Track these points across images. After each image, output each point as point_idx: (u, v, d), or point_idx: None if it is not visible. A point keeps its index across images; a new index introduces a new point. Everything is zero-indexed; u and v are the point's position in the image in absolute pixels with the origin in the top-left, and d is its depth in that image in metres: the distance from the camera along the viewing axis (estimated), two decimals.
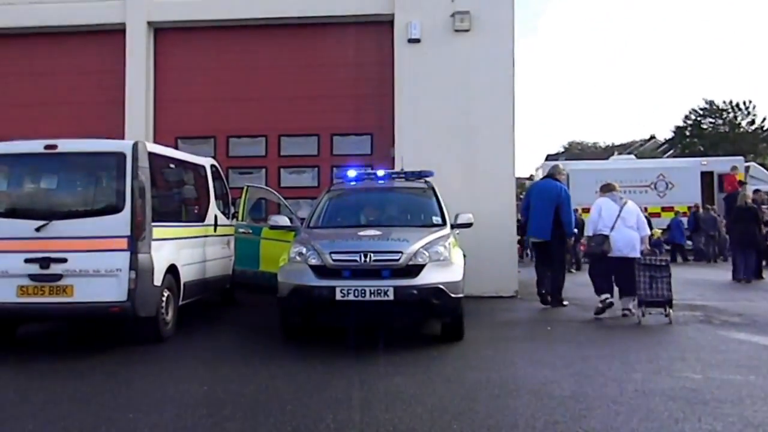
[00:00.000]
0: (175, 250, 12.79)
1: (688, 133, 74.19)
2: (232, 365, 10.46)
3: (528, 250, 28.48)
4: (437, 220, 13.23)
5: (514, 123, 18.28)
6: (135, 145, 11.74)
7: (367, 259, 11.22)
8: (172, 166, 13.84)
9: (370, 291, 10.98)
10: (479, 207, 15.53)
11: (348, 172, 14.82)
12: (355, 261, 11.27)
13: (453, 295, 11.34)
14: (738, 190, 26.30)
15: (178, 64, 19.99)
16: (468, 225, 13.23)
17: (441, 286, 11.22)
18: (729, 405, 8.10)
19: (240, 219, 15.34)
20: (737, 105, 73.71)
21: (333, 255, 11.39)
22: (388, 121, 18.77)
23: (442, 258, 11.58)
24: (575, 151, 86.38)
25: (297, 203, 18.07)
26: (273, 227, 13.73)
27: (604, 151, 78.02)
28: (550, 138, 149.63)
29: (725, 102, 74.00)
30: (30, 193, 12.36)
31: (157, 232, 11.97)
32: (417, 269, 11.29)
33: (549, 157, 71.49)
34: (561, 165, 18.46)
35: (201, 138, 19.73)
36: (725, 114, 73.85)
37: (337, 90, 19.36)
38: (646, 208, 31.43)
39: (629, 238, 14.72)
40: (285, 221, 13.58)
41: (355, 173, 14.80)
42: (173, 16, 19.79)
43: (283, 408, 8.13)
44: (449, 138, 18.22)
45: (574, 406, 8.10)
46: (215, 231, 15.03)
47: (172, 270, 12.51)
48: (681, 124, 75.41)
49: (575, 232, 15.84)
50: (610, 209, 14.95)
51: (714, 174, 36.22)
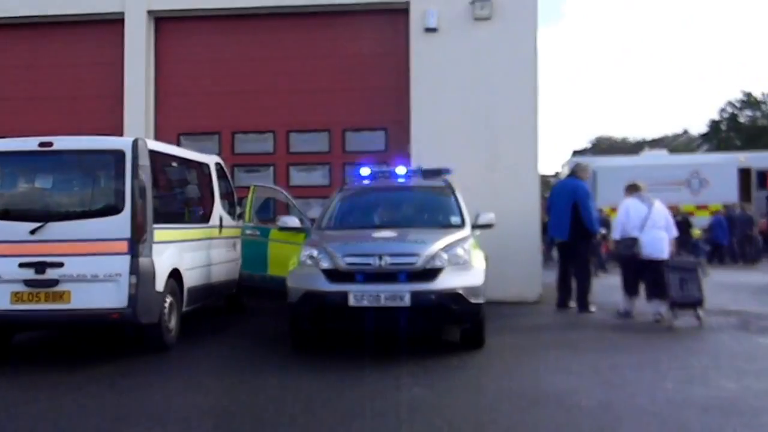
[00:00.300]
0: (178, 253, 12.81)
1: (724, 127, 73.84)
2: (239, 375, 10.51)
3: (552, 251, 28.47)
4: (456, 220, 13.23)
5: (537, 117, 18.25)
6: (135, 143, 11.73)
7: (382, 262, 11.23)
8: (174, 164, 13.87)
9: (385, 296, 11.00)
10: (501, 206, 15.52)
11: (361, 170, 14.84)
12: (369, 264, 11.28)
13: (473, 301, 11.35)
14: None
15: (180, 55, 19.99)
16: (489, 226, 13.23)
17: (460, 290, 11.23)
18: (767, 416, 8.11)
19: (247, 220, 15.33)
20: None
21: (346, 258, 11.40)
22: (403, 116, 18.74)
23: (461, 261, 11.58)
24: (603, 147, 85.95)
25: (307, 203, 18.04)
26: (282, 228, 13.77)
27: (634, 147, 77.61)
28: (576, 133, 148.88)
29: (764, 93, 73.69)
30: (24, 194, 12.36)
31: (159, 234, 11.98)
32: (435, 273, 11.29)
33: (575, 153, 71.40)
34: (584, 162, 18.43)
35: (205, 134, 19.75)
36: (764, 106, 73.51)
37: (350, 83, 19.36)
38: (678, 206, 31.52)
39: (658, 239, 14.95)
40: (294, 222, 13.61)
41: (369, 171, 14.82)
42: (175, 4, 19.79)
43: (294, 420, 8.17)
44: (469, 133, 18.20)
45: (602, 417, 8.12)
46: (220, 233, 15.05)
47: (174, 274, 12.52)
48: (717, 117, 75.11)
49: (600, 230, 15.84)
50: (638, 210, 15.17)
51: (752, 170, 36.10)
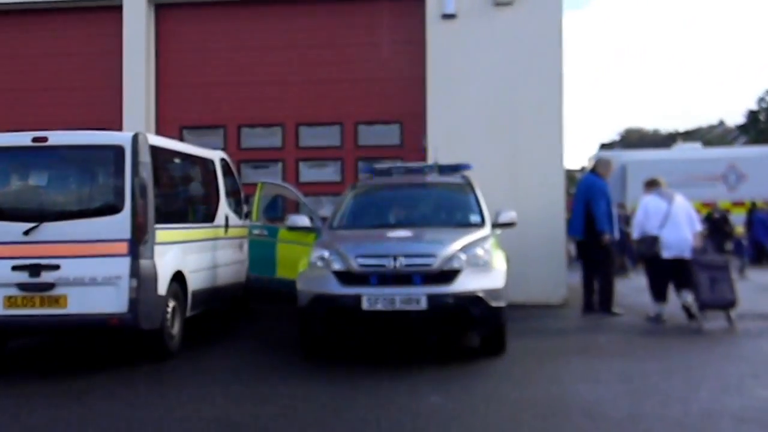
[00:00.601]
0: (182, 254, 12.82)
1: (762, 118, 73.63)
2: (246, 384, 10.53)
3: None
4: (476, 219, 13.21)
5: (562, 108, 18.24)
6: (135, 138, 11.72)
7: (397, 264, 11.23)
8: (176, 160, 13.87)
9: (400, 299, 11.01)
10: (523, 204, 15.57)
11: (375, 165, 14.85)
12: (384, 266, 11.28)
13: (494, 304, 11.34)
14: None
15: (182, 44, 20.02)
16: (511, 224, 13.20)
17: (480, 293, 11.22)
18: None
19: (254, 219, 15.34)
20: None
21: (359, 259, 11.41)
22: (419, 108, 18.74)
23: (481, 262, 11.57)
24: (632, 139, 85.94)
25: (318, 201, 18.09)
26: (291, 228, 13.77)
27: (665, 139, 77.60)
28: (604, 125, 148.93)
29: None
30: (17, 192, 12.35)
31: (161, 234, 11.99)
32: (453, 275, 11.30)
33: (603, 147, 71.28)
34: (606, 157, 18.38)
35: (209, 128, 19.80)
36: None
37: (362, 73, 19.37)
38: (716, 203, 31.43)
39: (682, 236, 14.97)
40: (304, 221, 13.60)
41: (383, 167, 14.82)
42: None
43: (304, 431, 8.18)
44: (489, 126, 18.19)
45: (631, 428, 8.11)
46: (226, 233, 15.09)
47: (178, 277, 12.53)
48: (755, 107, 74.86)
49: (607, 230, 15.84)
50: (657, 207, 15.24)
51: None
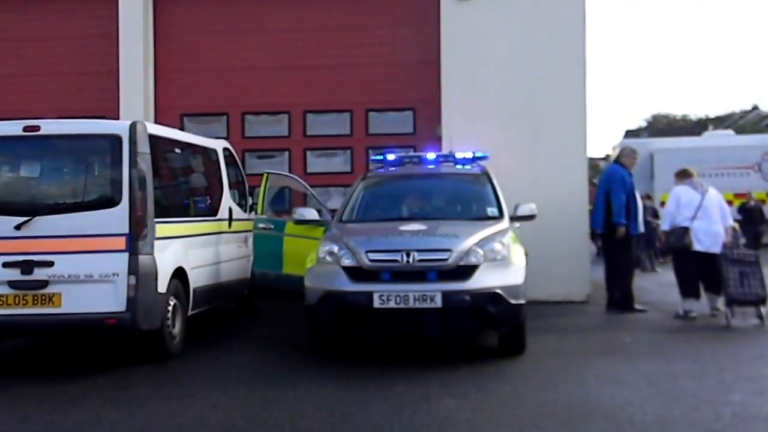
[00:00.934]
0: (183, 250, 12.85)
1: None
2: (251, 386, 10.53)
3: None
4: (493, 211, 13.23)
5: (585, 93, 18.21)
6: (133, 126, 11.72)
7: (410, 259, 11.24)
8: (177, 150, 13.89)
9: (414, 297, 11.02)
10: (544, 195, 15.54)
11: (387, 155, 14.84)
12: (396, 261, 11.30)
13: (513, 302, 11.34)
14: None
15: (183, 27, 19.98)
16: (530, 217, 13.21)
17: (498, 290, 11.23)
18: None
19: (259, 212, 15.32)
20: None
21: (370, 254, 11.43)
22: (433, 94, 18.70)
23: (499, 257, 11.57)
24: (660, 126, 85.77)
25: (326, 192, 18.11)
26: (298, 221, 13.78)
27: (695, 126, 77.37)
28: (630, 110, 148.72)
29: None
30: (7, 184, 12.33)
31: (161, 229, 12.01)
32: (469, 271, 11.30)
33: (629, 134, 71.11)
34: (631, 146, 18.33)
35: (211, 115, 19.80)
36: None
37: (373, 57, 19.32)
38: (750, 193, 31.34)
39: (713, 230, 15.05)
40: (312, 214, 13.62)
41: (395, 156, 14.82)
42: None
43: None
44: (507, 113, 18.15)
45: None
46: (230, 227, 15.11)
47: (178, 274, 12.54)
48: None
49: (622, 223, 15.86)
50: (689, 199, 15.27)
51: None
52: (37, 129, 11.77)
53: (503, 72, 18.23)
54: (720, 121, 77.64)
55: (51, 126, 12.02)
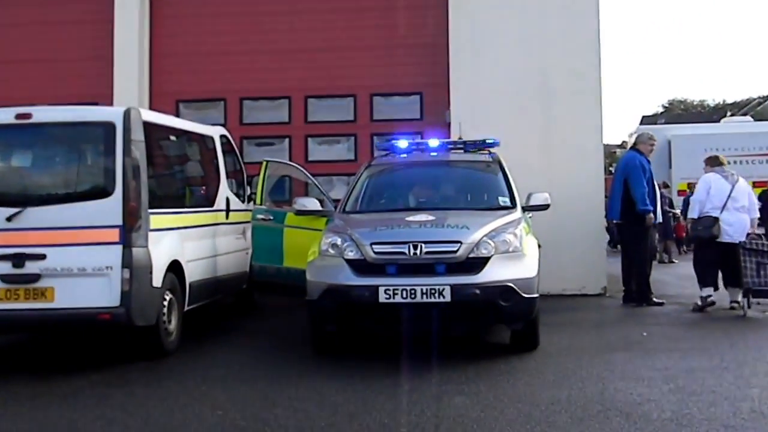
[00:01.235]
0: (178, 242, 12.84)
1: None
2: (251, 385, 10.53)
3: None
4: (505, 201, 13.21)
5: (600, 77, 18.20)
6: (127, 113, 11.69)
7: (418, 251, 11.20)
8: (172, 138, 13.89)
9: (421, 291, 10.98)
10: (557, 184, 15.56)
11: (393, 142, 14.80)
12: (403, 254, 11.26)
13: (525, 295, 11.31)
14: None
15: (178, 9, 20.00)
16: (544, 207, 13.18)
17: (510, 284, 11.19)
18: None
19: (258, 202, 15.32)
20: None
21: (375, 246, 11.39)
22: (441, 78, 18.71)
23: (511, 249, 11.53)
24: (677, 112, 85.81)
25: (329, 181, 18.10)
26: (299, 212, 13.77)
27: (713, 112, 77.40)
28: (646, 96, 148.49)
29: None
30: None
31: (156, 220, 11.98)
32: (480, 263, 11.27)
33: (645, 119, 71.04)
34: (648, 133, 18.32)
35: (208, 101, 19.81)
36: None
37: (378, 39, 19.31)
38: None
39: (741, 221, 15.13)
40: (314, 204, 13.63)
41: (402, 143, 14.79)
42: None
43: None
44: (519, 98, 18.14)
45: (676, 431, 8.10)
46: (227, 218, 15.08)
47: (174, 267, 12.52)
48: None
49: (649, 209, 15.87)
50: (720, 187, 15.30)
51: None
52: (29, 116, 11.76)
53: (515, 55, 18.22)
54: (738, 107, 77.61)
55: (43, 113, 12.00)
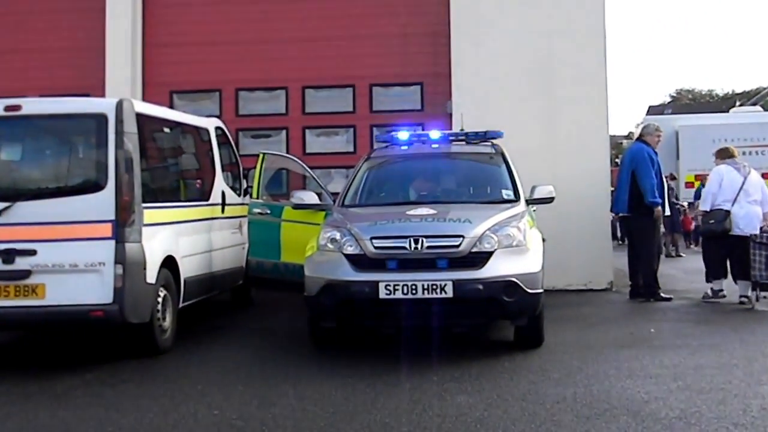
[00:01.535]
0: (173, 237, 12.83)
1: None
2: (248, 383, 10.53)
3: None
4: (508, 194, 13.21)
5: (606, 67, 18.19)
6: (119, 105, 11.66)
7: (419, 246, 11.21)
8: (166, 130, 13.85)
9: (422, 287, 10.97)
10: (562, 177, 15.57)
11: (393, 133, 14.79)
12: (404, 248, 11.27)
13: (529, 291, 11.30)
14: None
15: None
16: (548, 200, 13.21)
17: (514, 279, 11.18)
18: None
19: (255, 196, 15.31)
20: None
21: (375, 241, 11.40)
22: (442, 68, 18.71)
23: (515, 243, 11.53)
24: (685, 102, 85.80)
25: (327, 174, 18.10)
26: (297, 206, 13.76)
27: (721, 102, 77.37)
28: (653, 85, 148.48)
29: None
30: None
31: (149, 215, 11.97)
32: (483, 258, 11.27)
33: (652, 109, 71.03)
34: (654, 124, 18.31)
35: (203, 92, 19.81)
36: None
37: (378, 28, 19.29)
38: None
39: (753, 214, 15.16)
40: (312, 198, 13.61)
41: (402, 135, 14.77)
42: None
43: None
44: (523, 89, 18.14)
45: (684, 429, 8.11)
46: (223, 212, 15.09)
47: (168, 263, 12.52)
48: None
49: (658, 200, 15.88)
50: (732, 180, 15.35)
51: None
52: (19, 108, 11.72)
53: (518, 44, 18.21)
54: (747, 97, 77.51)
55: (33, 105, 12.01)
